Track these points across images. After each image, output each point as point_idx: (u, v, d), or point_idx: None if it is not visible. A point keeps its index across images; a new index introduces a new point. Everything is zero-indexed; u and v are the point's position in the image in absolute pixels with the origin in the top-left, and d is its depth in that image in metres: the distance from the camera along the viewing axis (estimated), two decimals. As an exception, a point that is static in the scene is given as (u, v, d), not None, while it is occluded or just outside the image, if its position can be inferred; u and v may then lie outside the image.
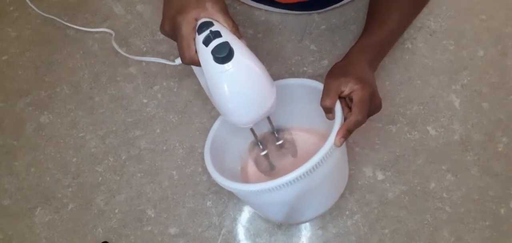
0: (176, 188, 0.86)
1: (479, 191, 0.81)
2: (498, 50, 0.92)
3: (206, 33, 0.62)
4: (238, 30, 0.66)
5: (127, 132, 0.92)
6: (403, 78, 0.91)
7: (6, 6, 1.10)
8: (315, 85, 0.76)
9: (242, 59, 0.63)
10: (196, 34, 0.64)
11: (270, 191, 0.65)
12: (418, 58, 0.93)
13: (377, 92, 0.71)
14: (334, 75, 0.70)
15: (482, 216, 0.79)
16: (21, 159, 0.92)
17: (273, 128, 0.76)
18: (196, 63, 0.65)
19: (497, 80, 0.89)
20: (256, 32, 0.99)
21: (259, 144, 0.77)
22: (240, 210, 0.83)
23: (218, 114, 0.80)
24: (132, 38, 1.02)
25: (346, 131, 0.66)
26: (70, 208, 0.86)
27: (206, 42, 0.62)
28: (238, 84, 0.64)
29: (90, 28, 1.03)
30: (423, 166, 0.83)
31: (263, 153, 0.77)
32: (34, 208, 0.87)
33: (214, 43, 0.61)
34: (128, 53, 0.97)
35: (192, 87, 0.94)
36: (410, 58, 0.93)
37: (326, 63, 0.94)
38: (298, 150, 0.80)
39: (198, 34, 0.63)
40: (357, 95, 0.67)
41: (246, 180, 0.81)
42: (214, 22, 0.64)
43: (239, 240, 0.81)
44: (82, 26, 1.03)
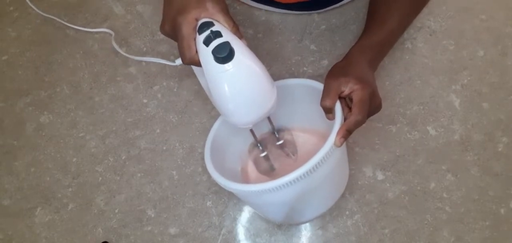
0: (176, 188, 0.86)
1: (479, 191, 0.81)
2: (498, 50, 0.92)
3: (207, 33, 0.62)
4: (238, 30, 0.66)
5: (127, 132, 0.92)
6: (403, 78, 0.91)
7: (6, 6, 1.10)
8: (316, 85, 0.76)
9: (243, 60, 0.63)
10: (196, 34, 0.64)
11: (270, 191, 0.65)
12: (418, 58, 0.93)
13: (377, 92, 0.71)
14: (334, 76, 0.70)
15: (482, 216, 0.79)
16: (21, 159, 0.92)
17: (273, 128, 0.76)
18: (196, 64, 0.65)
19: (497, 80, 0.89)
20: (256, 32, 0.99)
21: (259, 145, 0.77)
22: (240, 210, 0.83)
23: (218, 115, 0.80)
24: (132, 38, 1.02)
25: (346, 131, 0.66)
26: (70, 208, 0.86)
27: (206, 42, 0.62)
28: (238, 84, 0.64)
29: (90, 28, 1.03)
30: (423, 166, 0.83)
31: (263, 154, 0.77)
32: (34, 208, 0.87)
33: (215, 43, 0.61)
34: (128, 53, 0.97)
35: (192, 87, 0.94)
36: (410, 58, 0.93)
37: (326, 63, 0.94)
38: (299, 150, 0.80)
39: (199, 34, 0.63)
40: (357, 96, 0.67)
41: (247, 180, 0.81)
42: (215, 22, 0.64)
43: (239, 240, 0.81)
44: (82, 26, 1.03)
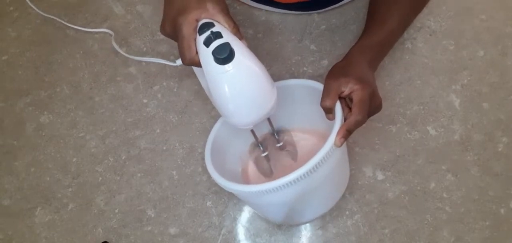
0: (176, 188, 0.86)
1: (479, 191, 0.81)
2: (498, 50, 0.92)
3: (207, 34, 0.62)
4: (239, 31, 0.66)
5: (127, 132, 0.92)
6: (403, 78, 0.91)
7: (6, 6, 1.10)
8: (316, 86, 0.76)
9: (243, 60, 0.63)
10: (197, 35, 0.64)
11: (270, 192, 0.65)
12: (418, 58, 0.93)
13: (377, 92, 0.71)
14: (334, 76, 0.70)
15: (482, 216, 0.79)
16: (21, 159, 0.92)
17: (273, 129, 0.76)
18: (196, 64, 0.65)
19: (497, 80, 0.89)
20: (256, 32, 0.99)
21: (260, 145, 0.77)
22: (240, 210, 0.83)
23: (218, 115, 0.80)
24: (132, 38, 1.02)
25: (346, 131, 0.66)
26: (70, 208, 0.86)
27: (207, 43, 0.62)
28: (238, 85, 0.64)
29: (90, 28, 1.03)
30: (423, 166, 0.83)
31: (264, 155, 0.77)
32: (34, 208, 0.87)
33: (215, 44, 0.61)
34: (128, 53, 0.97)
35: (192, 87, 0.94)
36: (410, 58, 0.93)
37: (326, 63, 0.94)
38: (299, 151, 0.80)
39: (199, 35, 0.63)
40: (357, 96, 0.67)
41: (247, 181, 0.81)
42: (215, 23, 0.64)
43: (239, 240, 0.81)
44: (82, 26, 1.03)
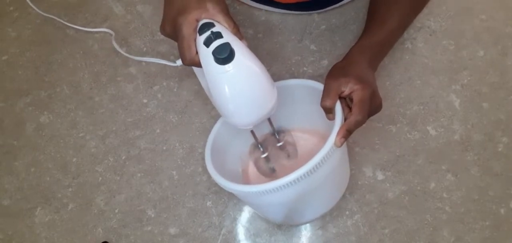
0: (176, 188, 0.86)
1: (479, 191, 0.81)
2: (498, 50, 0.92)
3: (207, 34, 0.62)
4: (239, 31, 0.66)
5: (127, 132, 0.92)
6: (403, 78, 0.91)
7: (6, 6, 1.10)
8: (316, 86, 0.76)
9: (243, 61, 0.63)
10: (197, 35, 0.64)
11: (270, 192, 0.65)
12: (418, 58, 0.93)
13: (377, 92, 0.71)
14: (334, 76, 0.70)
15: (482, 216, 0.79)
16: (21, 159, 0.92)
17: (273, 129, 0.76)
18: (196, 64, 0.65)
19: (497, 80, 0.89)
20: (256, 32, 0.99)
21: (260, 146, 0.77)
22: (240, 210, 0.83)
23: (219, 115, 0.80)
24: (132, 38, 1.02)
25: (346, 131, 0.66)
26: (70, 208, 0.86)
27: (207, 43, 0.62)
28: (239, 85, 0.64)
29: (90, 28, 1.03)
30: (423, 166, 0.83)
31: (264, 155, 0.77)
32: (34, 208, 0.87)
33: (215, 44, 0.61)
34: (128, 53, 0.97)
35: (192, 87, 0.94)
36: (410, 58, 0.93)
37: (326, 63, 0.94)
38: (299, 151, 0.80)
39: (199, 35, 0.63)
40: (357, 96, 0.67)
41: (247, 181, 0.81)
42: (215, 23, 0.64)
43: (239, 240, 0.81)
44: (82, 26, 1.03)
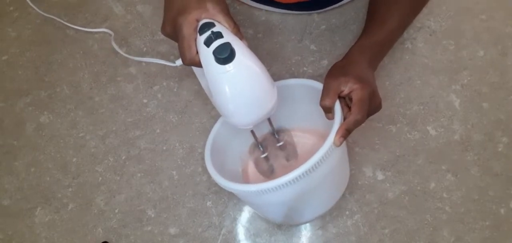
0: (176, 188, 0.86)
1: (479, 191, 0.81)
2: (498, 50, 0.92)
3: (208, 34, 0.62)
4: (239, 31, 0.66)
5: (127, 132, 0.92)
6: (403, 78, 0.91)
7: (6, 6, 1.10)
8: (316, 85, 0.76)
9: (244, 60, 0.63)
10: (197, 35, 0.64)
11: (270, 191, 0.65)
12: (418, 58, 0.93)
13: (377, 92, 0.71)
14: (333, 75, 0.70)
15: (482, 216, 0.79)
16: (21, 159, 0.92)
17: (273, 129, 0.76)
18: (197, 64, 0.65)
19: (497, 80, 0.89)
20: (256, 32, 0.99)
21: (260, 146, 0.77)
22: (240, 210, 0.83)
23: (218, 115, 0.80)
24: (132, 38, 1.02)
25: (346, 130, 0.66)
26: (70, 208, 0.86)
27: (207, 43, 0.62)
28: (239, 85, 0.64)
29: (90, 28, 1.03)
30: (423, 166, 0.83)
31: (264, 155, 0.77)
32: (34, 208, 0.87)
33: (216, 44, 0.61)
34: (128, 53, 0.97)
35: (192, 87, 0.94)
36: (410, 58, 0.93)
37: (326, 63, 0.94)
38: (299, 151, 0.80)
39: (200, 35, 0.63)
40: (356, 95, 0.67)
41: (247, 181, 0.81)
42: (216, 23, 0.64)
43: (239, 240, 0.81)
44: (82, 26, 1.03)
